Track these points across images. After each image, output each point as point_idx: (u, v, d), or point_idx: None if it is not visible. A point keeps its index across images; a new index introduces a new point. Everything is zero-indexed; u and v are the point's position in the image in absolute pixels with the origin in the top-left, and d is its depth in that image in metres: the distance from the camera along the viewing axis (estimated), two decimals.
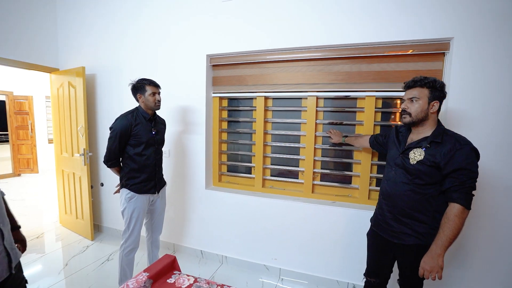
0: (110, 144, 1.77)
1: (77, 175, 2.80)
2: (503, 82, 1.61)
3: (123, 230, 1.88)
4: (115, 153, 1.78)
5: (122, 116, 1.79)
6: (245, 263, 2.33)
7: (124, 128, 1.74)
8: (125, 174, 1.84)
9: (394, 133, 1.48)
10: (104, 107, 2.80)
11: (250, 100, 2.39)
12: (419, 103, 1.27)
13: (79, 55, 2.86)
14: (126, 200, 1.82)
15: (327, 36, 1.95)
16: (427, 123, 1.29)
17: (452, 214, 1.17)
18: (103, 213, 2.96)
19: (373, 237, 1.52)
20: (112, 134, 1.75)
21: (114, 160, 1.82)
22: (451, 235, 1.16)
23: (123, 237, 1.87)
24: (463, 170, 1.16)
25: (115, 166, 1.86)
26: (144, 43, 2.52)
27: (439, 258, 1.18)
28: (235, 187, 2.46)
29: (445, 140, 1.22)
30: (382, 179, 1.48)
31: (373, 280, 1.53)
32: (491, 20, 1.60)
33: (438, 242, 1.19)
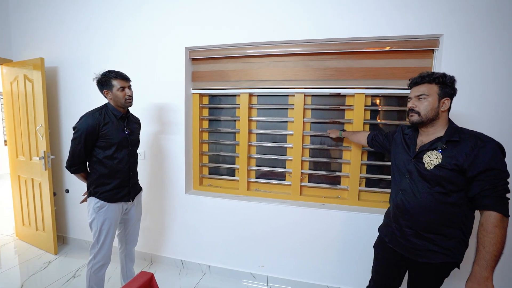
0: (74, 147, 1.52)
1: (37, 181, 2.46)
2: (493, 79, 1.60)
3: (91, 245, 1.65)
4: (79, 156, 1.54)
5: (88, 114, 1.55)
6: (230, 271, 2.17)
7: (90, 128, 1.50)
8: (93, 180, 1.60)
9: (400, 135, 1.32)
10: (69, 104, 2.48)
11: (233, 97, 2.23)
12: (429, 100, 1.12)
13: (37, 45, 2.52)
14: (94, 211, 1.58)
15: (315, 30, 1.85)
16: (438, 123, 1.14)
17: (490, 225, 0.98)
18: (69, 223, 2.65)
19: (386, 253, 1.32)
20: (76, 135, 1.51)
21: (79, 165, 1.58)
22: (495, 251, 0.96)
23: (91, 252, 1.64)
24: (491, 170, 1.00)
25: (80, 172, 1.62)
26: (116, 34, 2.26)
27: (487, 282, 0.97)
28: (217, 190, 2.29)
29: (464, 138, 1.07)
30: (393, 189, 1.30)
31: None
32: (481, 17, 1.58)
33: (481, 262, 0.98)
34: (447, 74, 1.13)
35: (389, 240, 1.29)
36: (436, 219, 1.10)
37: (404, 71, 1.79)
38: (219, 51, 2.09)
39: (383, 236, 1.35)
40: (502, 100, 1.60)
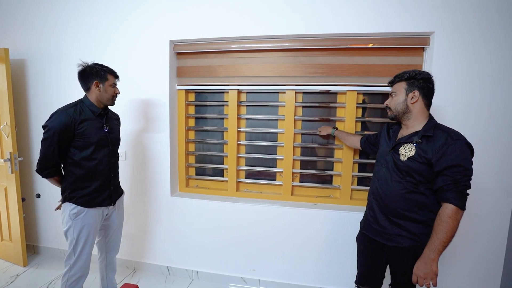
0: (45, 148, 1.35)
1: (1, 185, 2.22)
2: (479, 77, 1.62)
3: (66, 255, 1.48)
4: (52, 159, 1.38)
5: (61, 111, 1.37)
6: (220, 276, 2.07)
7: (63, 126, 1.33)
8: (69, 184, 1.44)
9: (385, 129, 1.40)
10: (39, 100, 2.26)
11: (221, 94, 2.13)
12: (396, 96, 1.25)
13: (0, 35, 2.26)
14: (70, 218, 1.42)
15: (306, 25, 1.79)
16: (413, 116, 1.22)
17: (445, 216, 1.08)
18: (40, 230, 2.42)
19: (364, 242, 1.41)
20: (47, 135, 1.33)
21: (52, 168, 1.41)
22: (445, 238, 1.08)
23: (67, 264, 1.48)
24: (456, 167, 1.07)
25: (53, 176, 1.45)
26: (93, 24, 2.07)
27: (432, 263, 1.09)
28: (205, 192, 2.18)
29: (437, 134, 1.14)
30: (372, 178, 1.38)
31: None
32: (471, 16, 1.60)
33: (431, 246, 1.10)
34: (418, 71, 1.20)
35: (364, 227, 1.40)
36: (406, 206, 1.19)
37: (396, 69, 1.77)
38: (206, 45, 1.98)
39: (361, 227, 1.44)
40: (487, 96, 1.63)
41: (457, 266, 1.78)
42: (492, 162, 1.66)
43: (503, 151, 1.65)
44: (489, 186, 1.68)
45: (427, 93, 1.21)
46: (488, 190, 1.69)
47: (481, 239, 1.74)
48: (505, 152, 1.65)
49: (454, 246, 1.75)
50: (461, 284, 1.79)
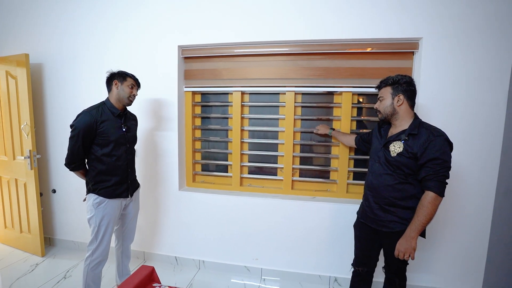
0: (72, 145, 1.53)
1: (21, 181, 2.38)
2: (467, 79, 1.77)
3: (89, 241, 1.65)
4: (78, 154, 1.55)
5: (85, 112, 1.55)
6: (225, 266, 2.22)
7: (87, 126, 1.51)
8: (92, 177, 1.61)
9: (377, 128, 1.55)
10: (55, 102, 2.42)
11: (225, 95, 2.28)
12: (384, 100, 1.40)
13: (19, 41, 2.43)
14: (93, 206, 1.60)
15: (305, 31, 1.93)
16: (400, 117, 1.37)
17: (426, 201, 1.25)
18: (55, 224, 2.57)
19: (360, 228, 1.57)
20: (74, 133, 1.51)
21: (78, 163, 1.59)
22: (424, 220, 1.25)
23: (89, 249, 1.64)
24: (437, 160, 1.23)
25: (79, 169, 1.63)
26: (107, 31, 2.23)
27: (412, 240, 1.27)
28: (211, 187, 2.33)
29: (421, 132, 1.29)
30: (367, 173, 1.54)
31: (361, 269, 1.57)
32: (456, 23, 1.74)
33: (412, 227, 1.28)
34: (402, 76, 1.37)
35: (361, 216, 1.56)
36: (396, 195, 1.35)
37: (388, 71, 1.92)
38: (212, 50, 2.13)
39: (358, 215, 1.60)
40: (471, 96, 1.78)
41: (445, 252, 1.92)
42: (475, 157, 1.80)
43: (485, 146, 1.79)
44: (473, 179, 1.82)
45: (411, 95, 1.36)
46: (473, 182, 1.83)
47: (466, 227, 1.87)
48: (486, 147, 1.79)
49: (443, 235, 1.90)
50: (449, 268, 1.92)
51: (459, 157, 1.78)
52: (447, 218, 1.88)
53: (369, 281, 1.60)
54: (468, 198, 1.85)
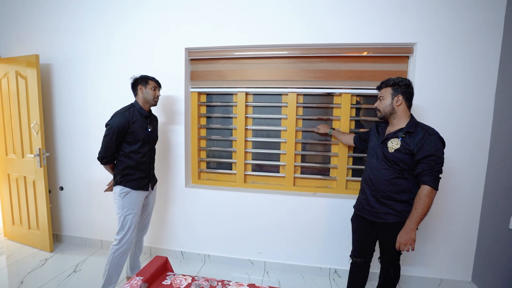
0: (106, 142, 1.69)
1: (30, 178, 2.45)
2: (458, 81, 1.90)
3: (116, 231, 1.77)
4: (111, 150, 1.71)
5: (119, 113, 1.71)
6: (229, 259, 2.31)
7: (121, 126, 1.67)
8: (119, 171, 1.75)
9: (374, 127, 1.66)
10: (63, 102, 2.49)
11: (229, 95, 2.38)
12: (384, 100, 1.50)
13: (28, 41, 2.50)
14: (121, 196, 1.74)
15: (308, 36, 2.04)
16: (398, 116, 1.48)
17: (423, 195, 1.35)
18: (63, 220, 2.64)
19: (357, 221, 1.67)
20: (109, 132, 1.67)
21: (110, 158, 1.74)
22: (422, 213, 1.35)
23: (116, 238, 1.76)
24: (432, 156, 1.33)
25: (110, 163, 1.79)
26: (115, 33, 2.32)
27: (412, 232, 1.37)
28: (215, 184, 2.43)
29: (417, 130, 1.40)
30: (364, 168, 1.64)
31: (359, 260, 1.67)
32: (448, 30, 1.87)
33: (411, 219, 1.37)
34: (402, 78, 1.47)
35: (357, 209, 1.66)
36: (392, 189, 1.45)
37: (385, 74, 2.03)
38: (218, 52, 2.23)
39: (355, 209, 1.70)
40: (461, 97, 1.91)
41: (436, 244, 2.04)
42: (465, 154, 1.93)
43: (474, 144, 1.92)
44: (463, 175, 1.95)
45: (409, 97, 1.47)
46: (462, 178, 1.95)
47: (456, 221, 2.00)
48: (475, 145, 1.92)
49: (435, 228, 2.02)
50: (440, 260, 2.05)
51: (449, 154, 1.90)
52: (438, 213, 2.00)
53: (366, 271, 1.71)
54: (459, 194, 1.97)
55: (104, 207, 2.49)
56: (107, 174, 1.89)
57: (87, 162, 2.48)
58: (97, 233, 2.57)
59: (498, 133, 1.85)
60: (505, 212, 1.76)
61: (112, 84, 2.36)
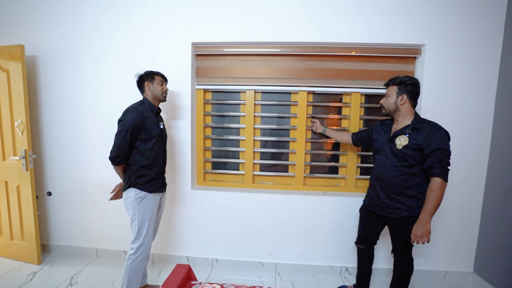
0: (120, 139, 1.56)
1: (13, 183, 2.19)
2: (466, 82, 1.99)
3: (132, 239, 1.65)
4: (125, 148, 1.58)
5: (133, 108, 1.60)
6: (239, 263, 2.24)
7: (136, 121, 1.57)
8: (133, 172, 1.63)
9: (378, 125, 1.72)
10: (50, 98, 2.26)
11: (236, 93, 2.30)
12: (389, 98, 1.56)
13: (10, 31, 2.23)
14: (136, 202, 1.61)
15: (318, 34, 2.03)
16: (403, 114, 1.54)
17: (435, 186, 1.40)
18: (51, 229, 2.40)
19: (365, 212, 1.76)
20: (123, 127, 1.55)
21: (123, 157, 1.60)
22: (435, 204, 1.40)
23: (133, 247, 1.64)
24: (440, 149, 1.40)
25: (123, 163, 1.64)
26: (114, 22, 2.14)
27: (427, 224, 1.42)
28: (222, 185, 2.34)
29: (424, 126, 1.47)
30: (373, 166, 1.69)
31: (363, 247, 1.80)
32: (456, 32, 1.95)
33: (425, 211, 1.42)
34: (409, 78, 1.52)
35: (368, 204, 1.72)
36: (402, 185, 1.50)
37: (393, 74, 2.07)
38: (225, 48, 2.14)
39: (365, 203, 1.78)
40: (469, 98, 2.00)
41: (439, 237, 2.13)
42: (467, 149, 2.03)
43: (476, 140, 2.02)
44: (465, 169, 2.05)
45: (414, 96, 1.52)
46: (465, 172, 2.05)
47: (458, 214, 2.10)
48: (478, 141, 2.02)
49: (439, 219, 2.10)
50: (443, 252, 2.14)
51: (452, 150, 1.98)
52: (441, 206, 2.08)
53: (371, 253, 1.83)
54: (461, 188, 2.06)
55: (101, 211, 2.30)
56: (104, 174, 1.77)
57: (80, 163, 2.28)
58: (91, 241, 2.37)
59: (498, 131, 1.96)
60: (506, 207, 1.87)
61: (112, 80, 2.18)
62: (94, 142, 2.25)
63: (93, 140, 2.25)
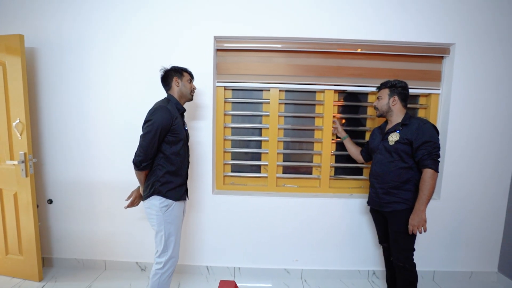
0: (148, 141, 1.38)
1: (10, 191, 1.95)
2: (501, 85, 1.98)
3: (159, 253, 1.49)
4: (152, 151, 1.41)
5: (162, 107, 1.42)
6: (262, 270, 2.12)
7: (166, 121, 1.40)
8: (158, 178, 1.45)
9: (377, 129, 1.81)
10: (53, 96, 2.03)
11: (258, 91, 2.18)
12: (382, 100, 1.67)
13: (7, 18, 1.98)
14: (161, 211, 1.45)
15: (349, 30, 1.95)
16: (394, 114, 1.64)
17: (427, 177, 1.48)
18: (52, 240, 2.16)
19: (373, 213, 1.84)
20: (151, 128, 1.38)
21: (149, 161, 1.43)
22: (428, 194, 1.48)
23: (160, 261, 1.49)
24: (428, 142, 1.49)
25: (148, 168, 1.46)
26: (126, 12, 1.95)
27: (422, 213, 1.49)
28: (243, 188, 2.21)
29: (412, 122, 1.57)
30: (371, 164, 1.76)
31: (385, 245, 1.82)
32: (487, 31, 1.93)
33: (419, 201, 1.50)
34: (398, 81, 1.64)
35: (369, 202, 1.80)
36: (398, 179, 1.59)
37: (420, 74, 2.06)
38: (249, 43, 2.02)
39: (368, 203, 1.82)
40: (499, 101, 2.00)
41: (465, 237, 2.12)
42: (494, 150, 2.04)
43: (505, 141, 2.03)
44: (491, 170, 2.05)
45: (404, 98, 1.63)
46: (491, 173, 2.06)
47: (483, 215, 2.10)
48: (505, 142, 2.03)
49: (464, 219, 2.09)
50: (468, 253, 2.14)
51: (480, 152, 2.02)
52: (466, 206, 2.08)
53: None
54: (485, 188, 2.06)
55: (109, 219, 2.11)
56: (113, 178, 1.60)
57: (85, 167, 2.07)
58: (99, 252, 2.16)
59: None
60: None
61: (122, 77, 1.99)
62: (102, 143, 2.04)
63: (100, 142, 2.05)
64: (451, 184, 2.04)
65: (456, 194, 2.06)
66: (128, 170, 1.93)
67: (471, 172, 2.05)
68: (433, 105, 2.10)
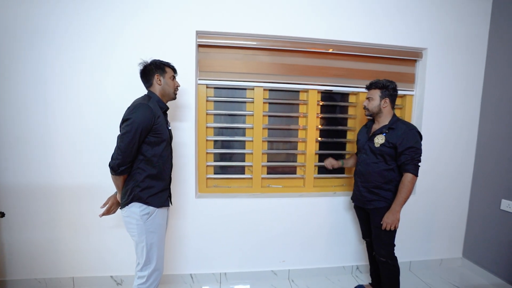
0: (126, 142, 1.23)
1: None
2: (461, 88, 2.16)
3: (141, 265, 1.35)
4: (131, 154, 1.26)
5: (142, 105, 1.27)
6: (249, 274, 2.07)
7: (147, 120, 1.26)
8: (138, 183, 1.31)
9: (362, 129, 1.84)
10: (5, 91, 1.74)
11: (242, 90, 2.11)
12: (373, 100, 1.67)
13: None
14: (142, 220, 1.31)
15: (339, 32, 1.99)
16: (383, 115, 1.67)
17: (406, 181, 1.56)
18: (5, 260, 1.86)
19: (357, 209, 1.91)
20: (130, 128, 1.23)
21: (128, 165, 1.27)
22: (405, 196, 1.56)
23: (142, 275, 1.35)
24: (412, 148, 1.55)
25: (126, 173, 1.30)
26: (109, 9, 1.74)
27: (397, 213, 1.58)
28: (227, 191, 2.12)
29: (398, 126, 1.61)
30: (356, 163, 1.82)
31: (368, 240, 1.88)
32: (457, 38, 2.10)
33: (396, 202, 1.58)
34: (389, 82, 1.64)
35: (353, 198, 1.87)
36: (380, 180, 1.65)
37: (396, 75, 2.17)
38: (234, 39, 1.94)
39: (352, 200, 1.89)
40: (460, 101, 2.18)
41: (431, 227, 2.30)
42: (460, 145, 2.23)
43: (468, 138, 2.23)
44: (458, 162, 2.25)
45: (394, 99, 1.68)
46: (457, 164, 2.25)
47: (447, 201, 2.30)
48: (469, 139, 2.24)
49: (429, 211, 2.27)
50: (434, 241, 2.32)
51: (444, 145, 2.20)
52: (435, 201, 2.26)
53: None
54: (451, 182, 2.26)
55: (75, 229, 1.89)
56: (81, 182, 1.42)
57: (46, 170, 1.82)
58: (65, 268, 1.92)
59: (484, 129, 2.20)
60: (495, 195, 2.10)
61: (97, 68, 1.78)
62: (66, 144, 1.81)
63: (64, 143, 1.81)
64: (423, 180, 2.18)
65: (428, 189, 2.22)
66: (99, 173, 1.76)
67: (440, 168, 2.21)
68: (407, 106, 2.22)
